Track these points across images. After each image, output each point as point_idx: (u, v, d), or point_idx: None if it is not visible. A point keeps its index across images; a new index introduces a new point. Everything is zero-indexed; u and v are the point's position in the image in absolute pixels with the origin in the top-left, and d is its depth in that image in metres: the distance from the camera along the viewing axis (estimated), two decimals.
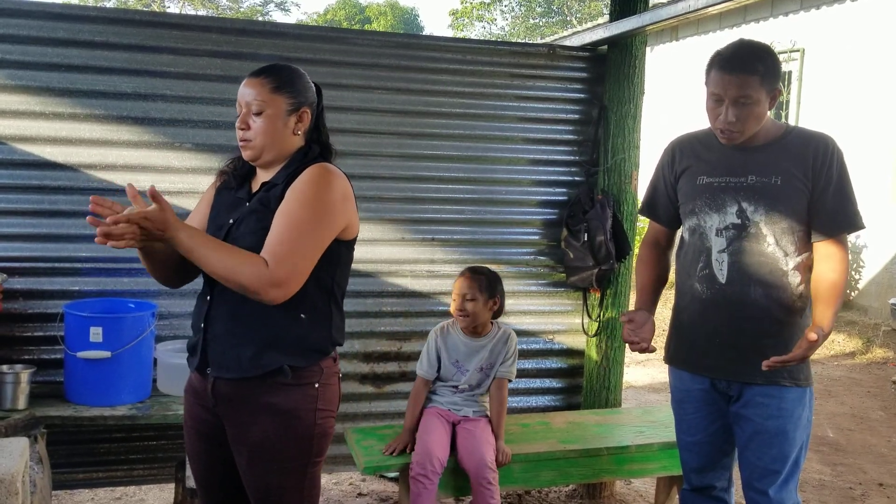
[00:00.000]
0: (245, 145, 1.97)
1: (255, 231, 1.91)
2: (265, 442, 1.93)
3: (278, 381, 1.93)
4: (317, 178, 1.93)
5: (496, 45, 3.77)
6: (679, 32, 11.26)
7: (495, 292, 3.04)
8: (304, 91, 2.01)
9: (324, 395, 2.00)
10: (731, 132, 2.27)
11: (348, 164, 3.47)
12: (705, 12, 3.01)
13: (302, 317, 1.94)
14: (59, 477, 3.22)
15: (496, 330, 3.10)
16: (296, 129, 2.00)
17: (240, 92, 1.98)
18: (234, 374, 1.94)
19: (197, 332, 2.02)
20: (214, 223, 2.03)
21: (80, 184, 3.21)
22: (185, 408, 2.12)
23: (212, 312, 1.97)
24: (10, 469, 1.97)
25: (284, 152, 2.00)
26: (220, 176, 2.11)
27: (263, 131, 1.95)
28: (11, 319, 3.19)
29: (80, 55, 3.18)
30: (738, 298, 2.33)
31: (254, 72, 1.99)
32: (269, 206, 1.93)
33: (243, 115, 1.96)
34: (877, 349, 7.06)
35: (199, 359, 1.99)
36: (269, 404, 1.93)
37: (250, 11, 32.46)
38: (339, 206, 1.95)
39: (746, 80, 2.21)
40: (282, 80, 1.97)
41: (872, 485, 4.09)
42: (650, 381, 6.00)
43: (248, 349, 1.92)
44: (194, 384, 2.07)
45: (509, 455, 2.98)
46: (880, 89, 8.15)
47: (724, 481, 2.55)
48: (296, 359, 1.94)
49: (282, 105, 1.96)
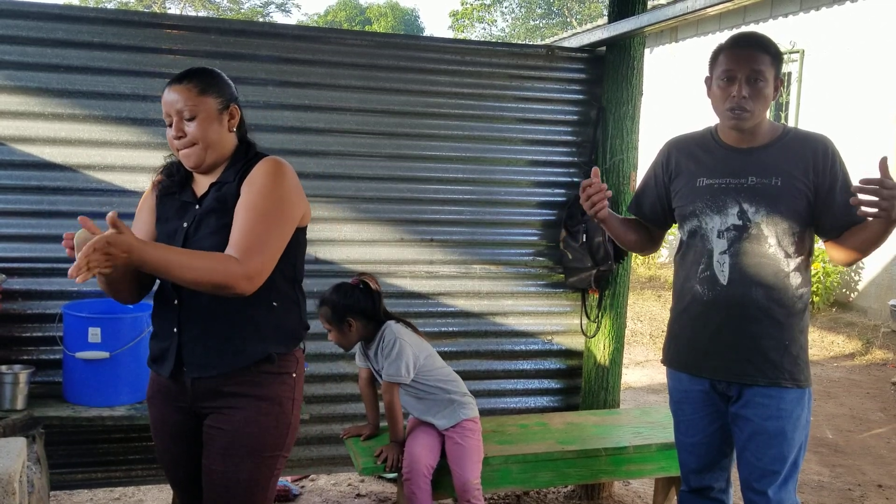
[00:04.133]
0: (186, 153, 1.98)
1: (216, 230, 1.95)
2: (245, 427, 1.98)
3: (262, 370, 2.00)
4: (273, 170, 1.98)
5: (495, 47, 3.77)
6: (678, 33, 11.27)
7: (344, 317, 2.88)
8: (227, 88, 2.04)
9: (297, 385, 2.09)
10: (743, 110, 2.27)
11: (347, 164, 3.50)
12: (704, 13, 3.01)
13: (274, 304, 2.01)
14: (57, 477, 3.22)
15: (379, 335, 2.96)
16: (230, 126, 2.02)
17: (165, 101, 1.98)
18: (218, 370, 1.98)
19: (166, 337, 2.04)
20: (165, 229, 2.05)
21: (78, 185, 3.22)
22: (154, 415, 2.14)
23: (184, 316, 2.00)
24: (8, 469, 1.97)
25: (225, 152, 2.03)
26: (157, 185, 2.12)
27: (202, 135, 1.96)
28: (10, 320, 3.19)
29: (79, 56, 3.18)
30: (739, 300, 2.33)
31: (174, 79, 2.00)
32: (227, 203, 1.96)
33: (176, 123, 1.96)
34: (876, 350, 7.06)
35: (173, 363, 2.01)
36: (251, 393, 1.99)
37: (251, 12, 32.48)
38: (296, 196, 2.01)
39: (760, 56, 2.25)
40: (206, 81, 1.99)
41: (871, 486, 4.08)
42: (649, 382, 6.00)
43: (231, 344, 1.98)
44: (164, 388, 2.09)
45: (396, 460, 2.93)
46: (879, 91, 8.16)
47: (722, 482, 2.55)
48: (277, 346, 2.02)
49: (213, 105, 1.98)
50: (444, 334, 3.69)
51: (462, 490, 2.89)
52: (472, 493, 2.88)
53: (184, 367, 2.01)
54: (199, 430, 2.06)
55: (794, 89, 9.29)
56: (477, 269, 3.72)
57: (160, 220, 2.08)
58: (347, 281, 2.97)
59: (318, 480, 3.83)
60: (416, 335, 3.02)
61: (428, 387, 2.99)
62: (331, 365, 3.56)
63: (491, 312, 3.76)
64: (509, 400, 3.83)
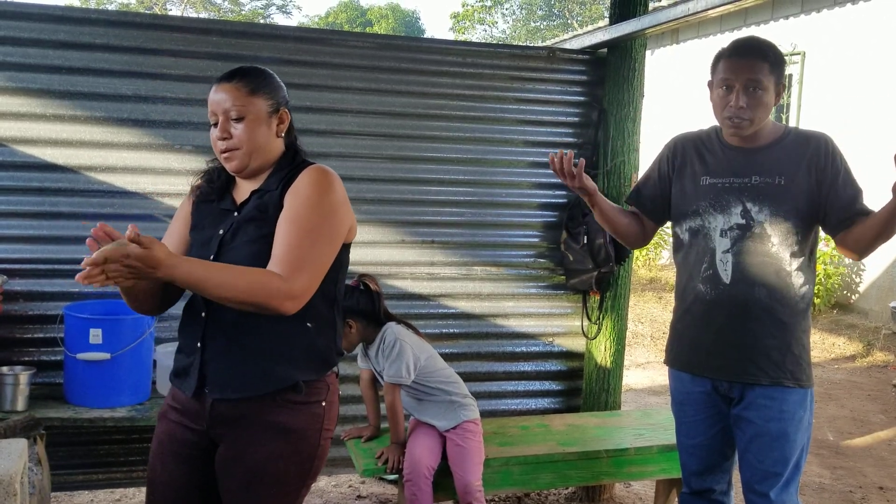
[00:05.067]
0: (230, 156, 1.85)
1: (254, 240, 1.81)
2: (268, 464, 1.83)
3: (288, 399, 1.83)
4: (320, 180, 1.83)
5: (496, 48, 3.78)
6: (679, 35, 11.27)
7: (344, 319, 2.72)
8: (279, 90, 1.91)
9: (329, 413, 1.92)
10: (741, 119, 2.28)
11: (348, 166, 3.50)
12: (705, 15, 3.01)
13: (308, 325, 1.85)
14: (58, 478, 3.22)
15: (380, 336, 2.96)
16: (278, 131, 1.90)
17: (212, 99, 1.85)
18: (242, 393, 1.82)
19: (191, 352, 1.88)
20: (199, 237, 1.91)
21: (80, 186, 3.22)
22: (163, 430, 1.96)
23: (209, 330, 1.84)
24: (9, 470, 1.97)
25: (271, 158, 1.89)
26: (195, 190, 1.98)
27: (249, 138, 1.83)
28: (11, 321, 3.19)
29: (80, 58, 3.18)
30: (742, 299, 2.33)
31: (224, 76, 1.87)
32: (268, 213, 1.83)
33: (222, 123, 1.83)
34: (877, 352, 7.05)
35: (196, 380, 1.85)
36: (274, 423, 1.83)
37: (252, 14, 32.50)
38: (343, 208, 1.87)
39: (758, 64, 2.25)
40: (258, 81, 1.87)
41: (872, 488, 4.08)
42: (650, 384, 5.99)
43: (257, 365, 1.82)
44: (182, 406, 1.92)
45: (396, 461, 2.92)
46: (881, 92, 8.15)
47: (723, 484, 2.55)
48: (307, 372, 1.86)
49: (262, 107, 1.85)
50: (444, 336, 3.69)
51: (464, 492, 2.89)
52: (474, 495, 2.88)
53: (206, 386, 1.85)
54: (208, 456, 1.89)
55: (795, 91, 9.29)
56: (478, 270, 3.72)
57: (195, 227, 1.94)
58: (348, 282, 2.97)
59: (318, 482, 3.83)
60: (416, 336, 3.02)
61: (429, 388, 2.99)
62: None
63: (492, 314, 3.76)
64: (510, 401, 3.83)
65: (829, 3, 8.90)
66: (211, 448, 1.90)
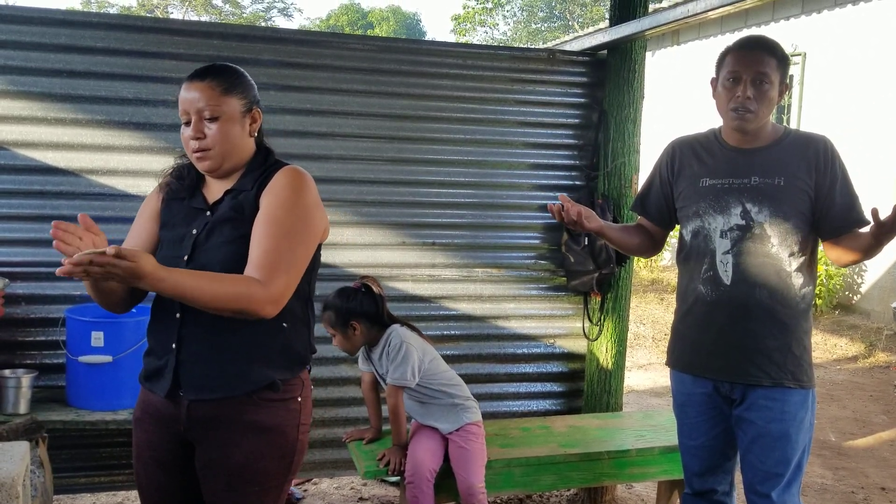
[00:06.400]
0: (203, 156, 1.83)
1: (230, 241, 1.80)
2: (249, 463, 1.84)
3: (264, 398, 1.84)
4: (295, 182, 1.84)
5: (496, 50, 3.78)
6: (680, 36, 11.27)
7: (348, 321, 2.86)
8: (251, 89, 1.90)
9: (304, 408, 1.93)
10: (747, 111, 2.28)
11: (349, 168, 3.50)
12: (706, 16, 3.02)
13: (284, 325, 1.86)
14: (60, 481, 3.22)
15: (385, 338, 2.94)
16: (251, 130, 1.89)
17: (184, 97, 1.82)
18: (219, 393, 1.82)
19: (164, 353, 1.86)
20: (170, 236, 1.89)
21: (81, 189, 3.23)
22: (140, 438, 1.94)
23: (185, 331, 1.83)
24: (11, 473, 1.97)
25: (243, 158, 1.89)
26: (165, 187, 1.96)
27: (223, 138, 1.82)
28: (13, 324, 3.20)
29: (81, 61, 3.19)
30: (742, 300, 2.33)
31: (196, 74, 1.84)
32: (244, 213, 1.82)
33: (195, 122, 1.81)
34: (879, 353, 7.05)
35: (170, 382, 1.84)
36: (252, 422, 1.84)
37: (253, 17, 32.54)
38: (318, 209, 1.89)
39: (766, 59, 2.27)
40: (231, 80, 1.85)
41: (875, 489, 4.08)
42: (651, 385, 5.99)
43: (234, 365, 1.82)
44: (155, 410, 1.90)
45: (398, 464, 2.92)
46: (882, 94, 8.15)
47: (725, 485, 2.55)
48: (282, 371, 1.87)
49: (236, 107, 1.84)
50: (446, 338, 3.69)
51: (467, 494, 2.89)
52: (478, 497, 2.88)
53: (181, 388, 1.83)
54: (188, 458, 1.89)
55: (796, 92, 9.29)
56: (479, 272, 3.72)
57: (166, 225, 1.92)
58: (349, 285, 2.97)
59: (320, 484, 3.83)
60: (420, 339, 3.02)
61: (431, 391, 2.99)
62: (333, 368, 3.57)
63: (493, 316, 3.76)
64: (511, 403, 3.83)
65: (829, 3, 8.90)
66: (190, 450, 1.90)
